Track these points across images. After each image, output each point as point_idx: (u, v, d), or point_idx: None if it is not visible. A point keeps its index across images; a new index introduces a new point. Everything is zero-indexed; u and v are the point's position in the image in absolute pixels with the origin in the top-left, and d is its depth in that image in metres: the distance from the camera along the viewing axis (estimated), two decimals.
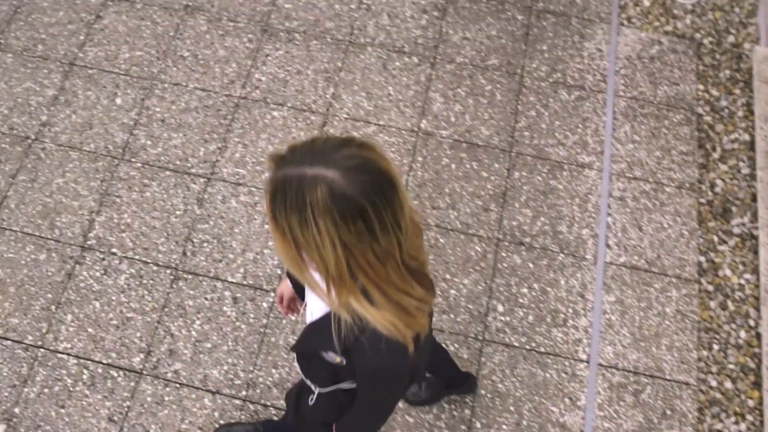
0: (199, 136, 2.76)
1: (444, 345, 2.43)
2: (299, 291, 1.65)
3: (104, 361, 2.42)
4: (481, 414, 2.34)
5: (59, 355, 2.43)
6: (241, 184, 2.68)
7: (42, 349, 2.44)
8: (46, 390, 2.38)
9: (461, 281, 2.53)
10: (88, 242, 2.59)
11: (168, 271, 2.54)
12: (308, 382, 1.52)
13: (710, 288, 2.54)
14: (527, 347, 2.44)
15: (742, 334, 2.47)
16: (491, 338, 2.45)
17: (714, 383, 2.40)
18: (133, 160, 2.72)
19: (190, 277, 2.53)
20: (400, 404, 2.34)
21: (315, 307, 1.31)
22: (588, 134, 2.79)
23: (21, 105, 2.83)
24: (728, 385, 2.40)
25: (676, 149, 2.77)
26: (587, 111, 2.84)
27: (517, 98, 2.86)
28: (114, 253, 2.57)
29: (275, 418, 2.32)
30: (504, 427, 2.33)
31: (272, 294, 2.50)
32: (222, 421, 2.31)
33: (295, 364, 1.40)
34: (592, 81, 2.90)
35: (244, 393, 2.37)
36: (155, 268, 2.55)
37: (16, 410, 2.36)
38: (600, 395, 2.39)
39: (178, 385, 2.38)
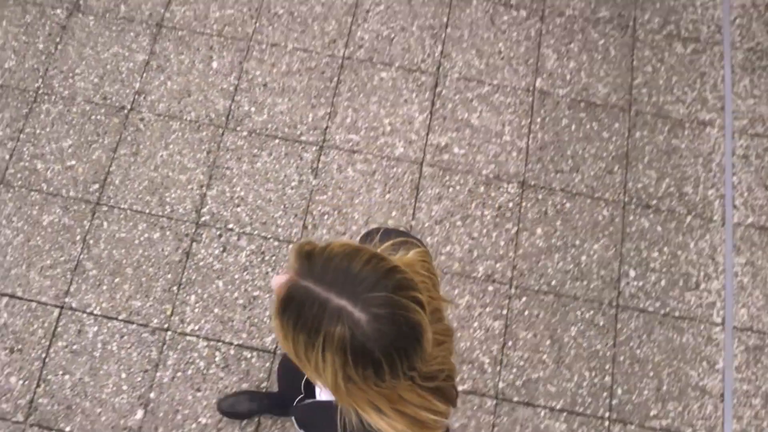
0: (306, 101, 2.62)
1: (578, 313, 2.40)
2: None
3: (235, 342, 2.35)
4: (621, 380, 2.33)
5: (188, 338, 2.35)
6: (356, 151, 2.56)
7: (169, 332, 2.36)
8: (179, 374, 2.32)
9: (591, 247, 2.48)
10: (202, 218, 2.47)
11: (290, 247, 2.45)
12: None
13: None
14: (662, 312, 2.42)
15: None
16: (625, 304, 2.42)
17: None
18: (238, 128, 2.58)
19: None
20: (542, 372, 2.33)
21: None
22: (707, 90, 2.70)
23: (111, 72, 2.64)
24: None
25: None
26: (704, 65, 2.74)
27: (631, 53, 2.74)
28: (231, 229, 2.46)
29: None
30: (645, 392, 2.33)
31: None
32: None
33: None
34: (707, 32, 2.79)
35: None
36: (276, 243, 2.45)
37: (152, 395, 2.29)
38: (737, 358, 2.38)
39: None
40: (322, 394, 1.22)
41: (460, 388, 2.30)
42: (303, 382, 1.41)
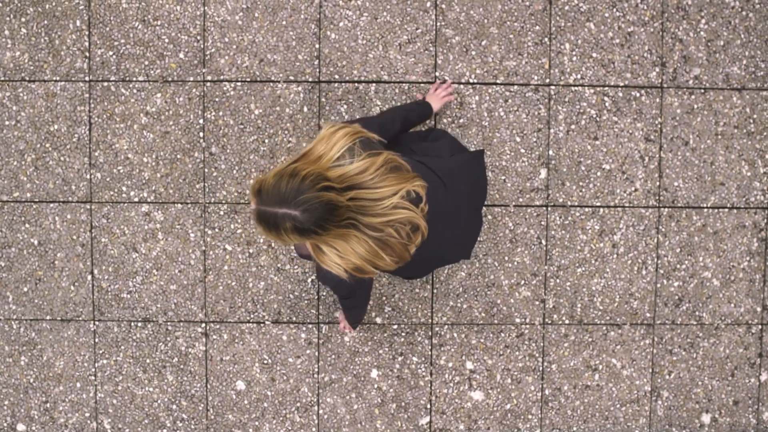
0: None
1: None
2: None
3: (621, 84, 2.25)
4: None
5: (573, 89, 2.25)
6: None
7: (552, 87, 2.24)
8: (572, 126, 2.25)
9: None
10: None
11: None
12: None
13: None
14: None
15: None
16: None
17: None
18: None
19: None
20: None
21: None
22: None
23: None
24: None
25: None
26: None
27: None
28: None
29: None
30: None
31: None
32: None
33: None
34: None
35: None
36: None
37: (551, 153, 2.25)
38: None
39: (702, 90, 2.27)
40: None
41: None
42: None
